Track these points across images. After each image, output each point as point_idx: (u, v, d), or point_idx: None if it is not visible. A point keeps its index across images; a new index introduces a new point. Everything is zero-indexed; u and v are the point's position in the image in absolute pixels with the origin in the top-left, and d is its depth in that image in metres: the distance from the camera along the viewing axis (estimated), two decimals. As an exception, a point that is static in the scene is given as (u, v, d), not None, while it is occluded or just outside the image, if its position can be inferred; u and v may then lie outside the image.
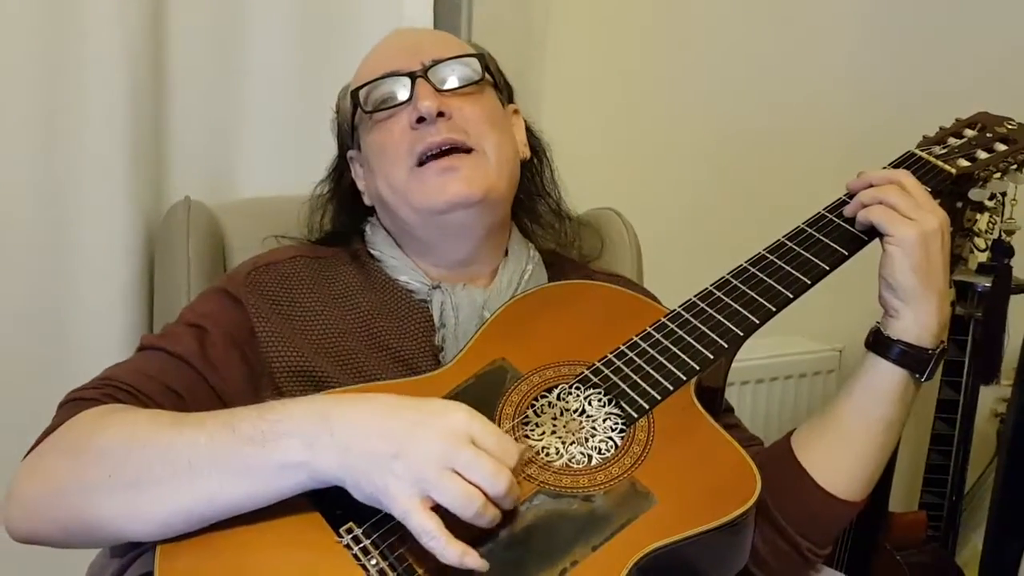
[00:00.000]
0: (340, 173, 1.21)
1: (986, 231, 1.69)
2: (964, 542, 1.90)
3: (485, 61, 1.12)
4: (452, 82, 1.09)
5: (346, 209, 1.20)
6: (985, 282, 1.71)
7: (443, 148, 1.05)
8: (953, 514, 1.80)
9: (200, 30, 1.42)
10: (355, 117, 1.14)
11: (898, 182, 0.99)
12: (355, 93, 1.11)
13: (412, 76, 1.07)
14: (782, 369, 2.00)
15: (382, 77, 1.09)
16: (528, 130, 1.21)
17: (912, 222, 0.95)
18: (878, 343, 0.98)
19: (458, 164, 1.05)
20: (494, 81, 1.15)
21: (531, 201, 1.21)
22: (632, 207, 1.51)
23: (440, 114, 1.05)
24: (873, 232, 0.99)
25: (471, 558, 0.77)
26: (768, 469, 0.99)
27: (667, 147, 1.94)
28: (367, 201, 1.17)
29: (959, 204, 1.34)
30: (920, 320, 0.96)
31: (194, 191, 1.36)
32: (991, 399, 1.89)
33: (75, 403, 0.93)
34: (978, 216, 1.63)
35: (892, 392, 0.97)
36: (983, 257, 1.72)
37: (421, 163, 1.06)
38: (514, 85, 1.21)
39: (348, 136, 1.18)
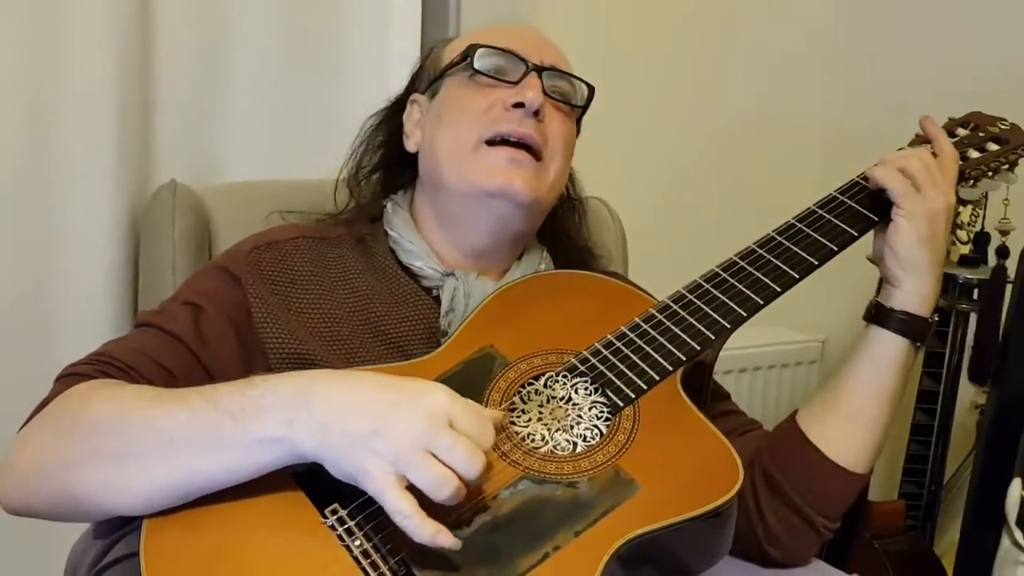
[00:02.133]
0: (395, 110, 1.21)
1: (968, 223, 1.71)
2: (943, 532, 1.92)
3: (591, 93, 1.15)
4: (558, 93, 1.11)
5: (387, 155, 1.21)
6: (967, 274, 1.73)
7: (522, 141, 1.07)
8: (932, 504, 1.82)
9: (187, 14, 1.41)
10: (451, 68, 1.14)
11: (939, 148, 1.04)
12: (473, 47, 1.11)
13: (531, 66, 1.09)
14: (765, 359, 2.01)
15: (506, 50, 1.10)
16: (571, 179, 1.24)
17: (923, 197, 0.99)
18: (880, 315, 1.02)
19: (525, 161, 1.07)
20: (584, 111, 1.17)
21: (560, 235, 1.24)
22: (619, 197, 1.51)
23: (536, 112, 1.07)
24: (881, 210, 1.01)
25: (444, 537, 0.78)
26: (777, 450, 1.03)
27: (654, 138, 1.95)
28: (410, 147, 1.17)
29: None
30: (920, 290, 1.00)
31: (180, 174, 1.36)
32: (971, 391, 1.90)
33: (69, 378, 0.93)
34: (960, 209, 1.65)
35: (895, 361, 1.01)
36: (965, 249, 1.74)
37: (491, 142, 1.07)
38: None
39: (426, 82, 1.17)
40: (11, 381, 1.32)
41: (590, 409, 0.93)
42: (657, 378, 0.93)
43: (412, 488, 0.79)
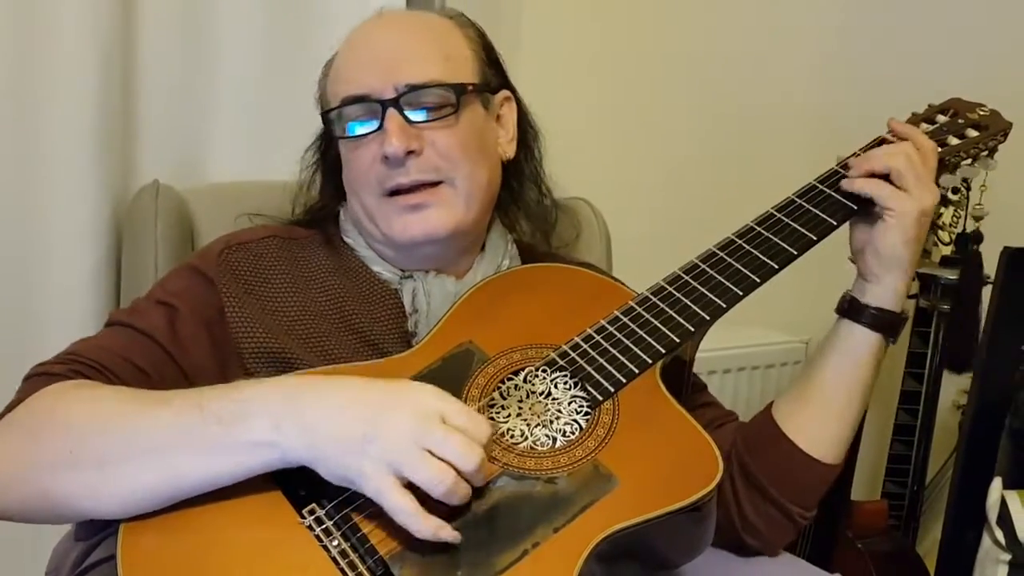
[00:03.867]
0: (327, 144, 1.17)
1: (950, 224, 1.71)
2: (925, 532, 1.92)
3: (462, 86, 1.06)
4: (424, 112, 1.04)
5: (332, 181, 1.17)
6: (949, 275, 1.73)
7: (410, 187, 1.04)
8: (914, 504, 1.82)
9: (169, 15, 1.41)
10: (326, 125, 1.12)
11: (918, 144, 1.02)
12: (326, 115, 1.09)
13: (384, 105, 1.03)
14: (749, 360, 2.02)
15: (353, 102, 1.05)
16: (522, 114, 1.18)
17: (911, 197, 0.99)
18: (853, 309, 1.02)
19: (425, 201, 1.04)
20: (478, 87, 1.09)
21: (518, 190, 1.19)
22: (603, 197, 1.52)
23: (410, 152, 1.02)
24: (860, 199, 1.01)
25: (446, 531, 0.79)
26: (753, 441, 1.04)
27: (639, 138, 1.95)
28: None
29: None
30: (894, 287, 1.01)
31: (163, 175, 1.36)
32: (953, 391, 1.91)
33: (40, 377, 0.92)
34: (942, 210, 1.65)
35: (867, 355, 1.02)
36: (947, 251, 1.74)
37: (391, 192, 1.05)
38: None
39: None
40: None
41: (569, 403, 0.93)
42: (636, 371, 0.93)
43: (409, 487, 0.79)
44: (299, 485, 0.83)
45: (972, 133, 1.11)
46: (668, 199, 1.99)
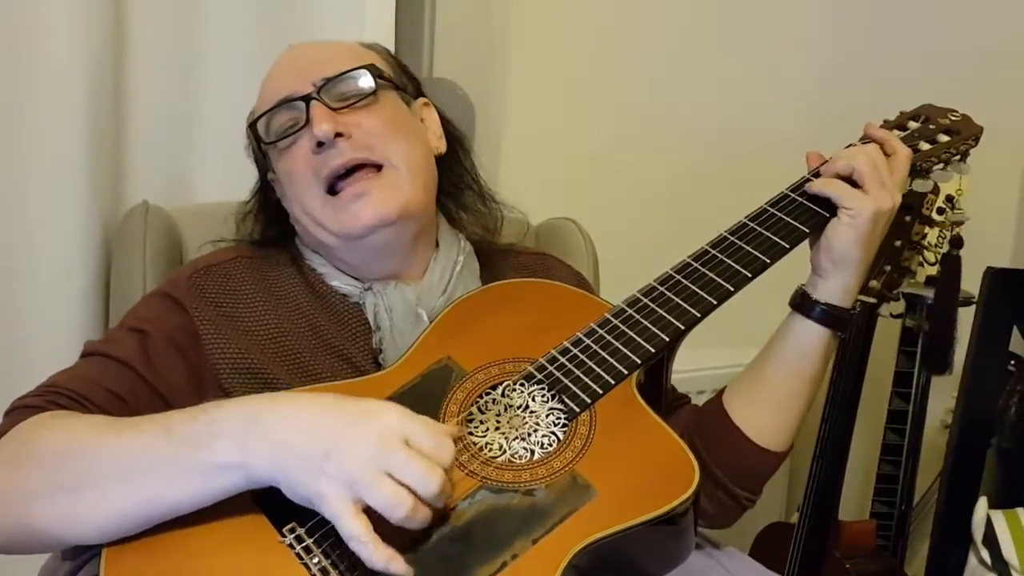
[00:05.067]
0: (265, 194, 1.19)
1: (935, 245, 1.73)
2: (914, 552, 1.93)
3: (377, 69, 1.09)
4: (346, 98, 1.07)
5: (276, 223, 1.17)
6: (934, 295, 1.74)
7: (348, 168, 1.05)
8: (902, 523, 1.83)
9: (160, 36, 1.43)
10: (262, 145, 1.13)
11: (891, 149, 1.05)
12: (253, 126, 1.11)
13: (306, 99, 1.05)
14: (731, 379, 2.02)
15: (276, 106, 1.08)
16: (444, 120, 1.19)
17: (868, 197, 1.00)
18: (804, 304, 1.04)
19: (369, 187, 1.04)
20: (394, 83, 1.13)
21: (456, 191, 1.20)
22: (590, 217, 1.52)
23: (339, 135, 1.04)
24: (833, 207, 1.02)
25: (396, 564, 0.78)
26: (704, 428, 1.07)
27: (625, 158, 1.96)
28: (293, 221, 1.14)
29: (907, 218, 1.37)
30: (846, 285, 1.03)
31: (152, 195, 1.37)
32: (941, 410, 1.92)
33: (19, 411, 0.93)
34: (927, 230, 1.66)
35: (816, 349, 1.04)
36: (933, 271, 1.75)
37: (333, 190, 1.05)
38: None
39: (262, 161, 1.16)
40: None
41: (547, 416, 0.93)
42: (612, 382, 0.94)
43: (371, 510, 0.79)
44: (279, 503, 0.83)
45: (943, 138, 1.13)
46: (655, 219, 2.00)
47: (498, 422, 0.93)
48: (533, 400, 0.95)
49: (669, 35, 1.98)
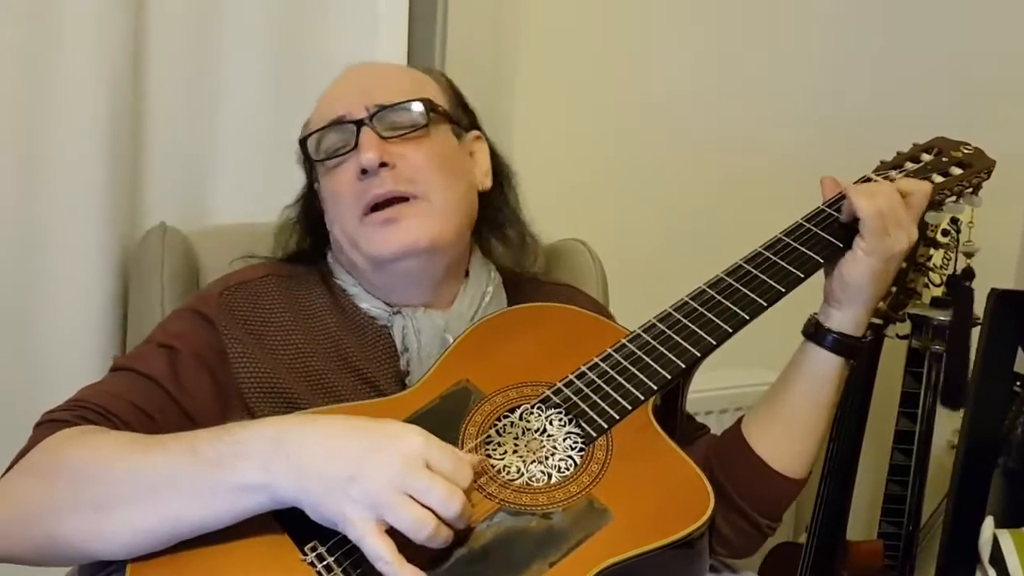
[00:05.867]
0: (310, 202, 1.21)
1: (941, 266, 1.74)
2: (922, 572, 1.92)
3: (431, 103, 1.11)
4: (397, 128, 1.08)
5: (313, 233, 1.20)
6: (941, 316, 1.75)
7: (385, 200, 1.06)
8: (910, 544, 1.83)
9: (177, 59, 1.44)
10: (305, 163, 1.16)
11: (908, 191, 1.06)
12: (303, 142, 1.13)
13: (358, 124, 1.07)
14: (747, 400, 2.01)
15: (328, 126, 1.10)
16: (494, 155, 1.21)
17: (888, 238, 1.02)
18: (817, 333, 1.06)
19: (400, 215, 1.06)
20: (448, 117, 1.14)
21: (495, 226, 1.22)
22: (599, 238, 1.53)
23: (383, 164, 1.05)
24: (848, 238, 1.04)
25: None
26: (724, 456, 1.08)
27: (635, 179, 1.97)
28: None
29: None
30: (857, 316, 1.05)
31: (169, 217, 1.39)
32: (948, 431, 1.93)
33: (48, 424, 0.94)
34: (932, 252, 1.68)
35: (829, 376, 1.06)
36: (938, 292, 1.76)
37: (368, 212, 1.07)
38: (485, 116, 1.22)
39: (312, 172, 1.18)
40: (3, 418, 1.32)
41: (564, 440, 0.95)
42: (629, 408, 0.95)
43: (394, 531, 0.81)
44: (301, 522, 0.84)
45: (956, 171, 1.14)
46: (664, 241, 2.00)
47: (516, 445, 0.95)
48: (551, 424, 0.96)
49: (679, 56, 1.99)
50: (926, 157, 1.16)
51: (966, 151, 1.16)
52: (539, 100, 1.83)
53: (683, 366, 0.98)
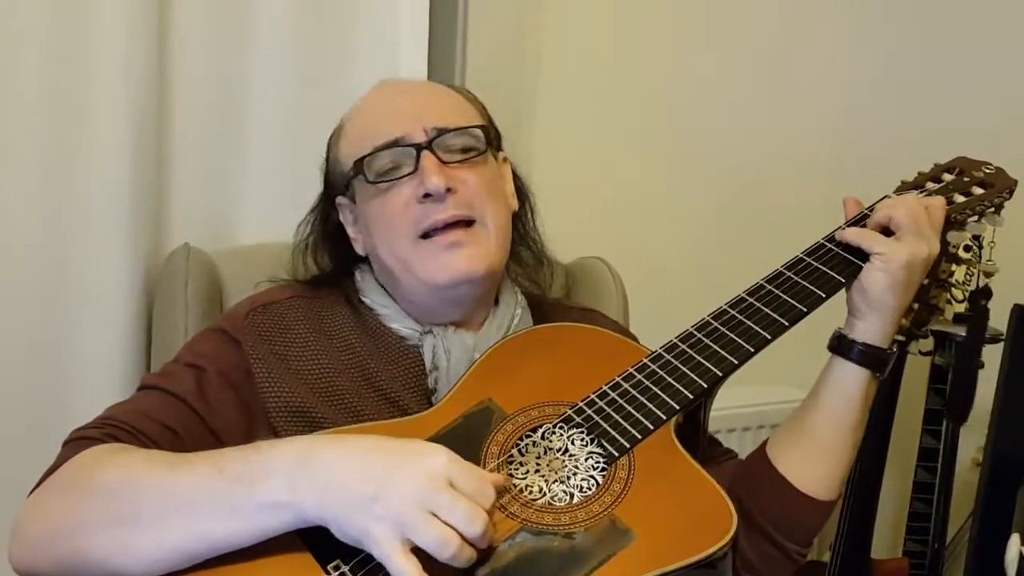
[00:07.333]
0: (326, 215, 1.20)
1: (963, 282, 1.73)
2: (947, 591, 1.91)
3: (488, 130, 1.12)
4: (457, 153, 1.09)
5: (332, 252, 1.20)
6: (963, 332, 1.74)
7: (448, 224, 1.07)
8: (935, 562, 1.81)
9: (201, 82, 1.46)
10: (351, 179, 1.14)
11: (925, 204, 1.05)
12: (359, 162, 1.10)
13: (418, 148, 1.07)
14: (769, 417, 2.02)
15: (386, 146, 1.09)
16: (514, 175, 1.22)
17: (901, 244, 1.01)
18: (842, 346, 1.04)
19: (462, 239, 1.07)
20: (495, 144, 1.15)
21: (514, 247, 1.21)
22: (620, 256, 1.53)
23: (448, 190, 1.06)
24: (866, 255, 1.03)
25: None
26: (749, 480, 1.05)
27: (656, 197, 1.98)
28: (359, 251, 1.17)
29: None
30: (881, 327, 1.03)
31: (193, 238, 1.40)
32: (972, 448, 1.91)
33: (77, 442, 0.96)
34: (954, 268, 1.67)
35: (856, 391, 1.04)
36: (961, 308, 1.75)
37: (425, 235, 1.07)
38: (506, 135, 1.22)
39: (340, 185, 1.16)
40: (26, 441, 1.34)
41: (586, 459, 0.95)
42: (651, 427, 0.95)
43: (416, 550, 0.81)
44: (324, 540, 0.85)
45: (978, 191, 1.13)
46: (684, 258, 2.01)
47: (538, 465, 0.95)
48: (572, 443, 0.96)
49: (702, 72, 2.00)
50: (947, 177, 1.16)
51: (988, 171, 1.15)
52: (559, 118, 1.84)
53: (704, 386, 0.98)
